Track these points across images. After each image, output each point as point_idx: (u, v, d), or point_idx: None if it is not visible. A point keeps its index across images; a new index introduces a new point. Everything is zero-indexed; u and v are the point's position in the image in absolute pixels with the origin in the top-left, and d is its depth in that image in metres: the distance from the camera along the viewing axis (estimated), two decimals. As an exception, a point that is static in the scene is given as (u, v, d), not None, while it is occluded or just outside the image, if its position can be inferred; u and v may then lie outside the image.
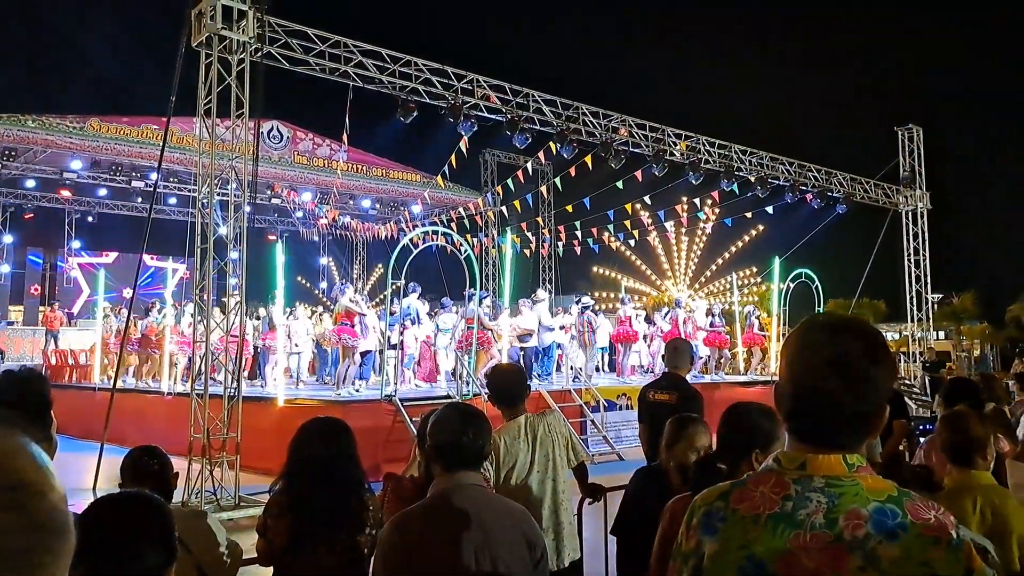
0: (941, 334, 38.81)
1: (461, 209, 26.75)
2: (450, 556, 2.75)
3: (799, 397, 1.68)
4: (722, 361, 19.85)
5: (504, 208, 25.29)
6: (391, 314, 15.02)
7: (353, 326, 14.59)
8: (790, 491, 1.61)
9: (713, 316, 19.95)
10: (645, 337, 19.20)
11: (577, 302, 19.06)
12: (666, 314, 19.86)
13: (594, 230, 25.77)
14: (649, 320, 19.82)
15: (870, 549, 1.51)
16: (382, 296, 18.36)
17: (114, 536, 2.03)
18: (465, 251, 14.58)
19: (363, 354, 16.55)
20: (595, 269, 38.33)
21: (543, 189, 26.08)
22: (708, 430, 3.91)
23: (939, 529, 1.53)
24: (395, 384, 13.80)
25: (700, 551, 1.66)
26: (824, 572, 1.52)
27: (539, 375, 16.69)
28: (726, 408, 3.39)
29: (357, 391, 14.57)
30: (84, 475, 11.49)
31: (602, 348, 19.27)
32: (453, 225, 23.14)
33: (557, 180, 21.39)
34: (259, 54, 12.12)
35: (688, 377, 6.62)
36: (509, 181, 22.02)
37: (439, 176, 21.87)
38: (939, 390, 5.87)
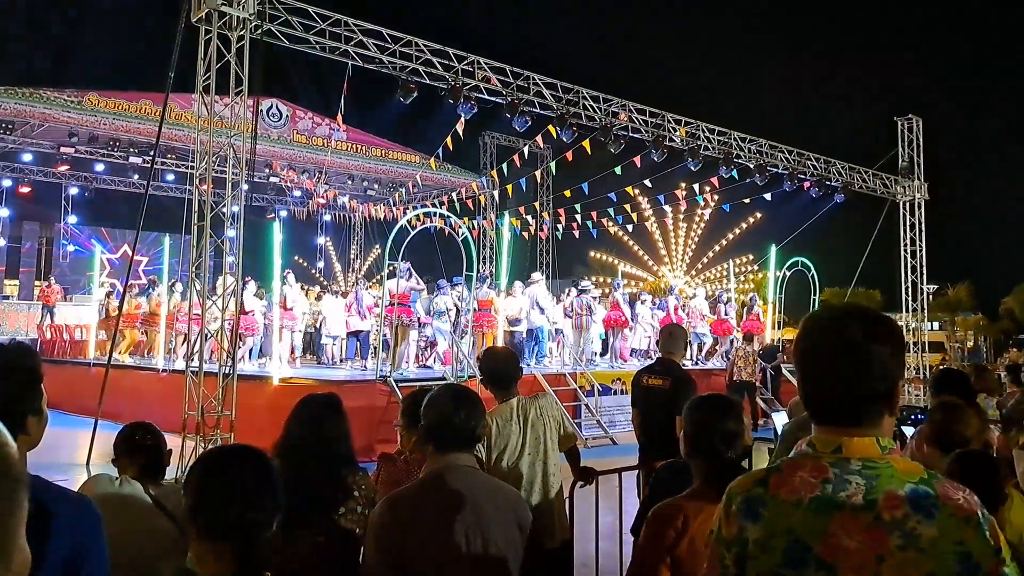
0: (936, 325, 38.87)
1: (463, 191, 26.69)
2: (442, 536, 2.77)
3: (813, 385, 1.79)
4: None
5: (497, 192, 25.25)
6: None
7: (409, 307, 14.78)
8: (828, 474, 1.67)
9: (721, 303, 20.01)
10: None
11: (574, 283, 19.11)
12: (658, 303, 19.92)
13: (593, 214, 25.76)
14: (632, 305, 19.84)
15: (909, 529, 1.58)
16: (379, 277, 18.40)
17: (235, 486, 2.05)
18: (463, 233, 14.59)
19: (356, 333, 16.67)
20: (592, 254, 38.43)
21: (542, 172, 26.03)
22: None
23: (969, 510, 1.60)
24: (392, 365, 13.87)
25: (743, 537, 1.70)
26: (865, 552, 1.59)
27: (529, 360, 16.67)
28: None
29: (364, 369, 14.72)
30: (78, 451, 11.50)
31: (601, 334, 19.25)
32: (444, 207, 23.05)
33: (553, 165, 21.33)
34: (259, 31, 12.06)
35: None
36: (504, 166, 21.98)
37: (432, 159, 21.88)
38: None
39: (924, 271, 23.76)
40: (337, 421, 3.61)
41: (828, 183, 21.79)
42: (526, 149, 21.21)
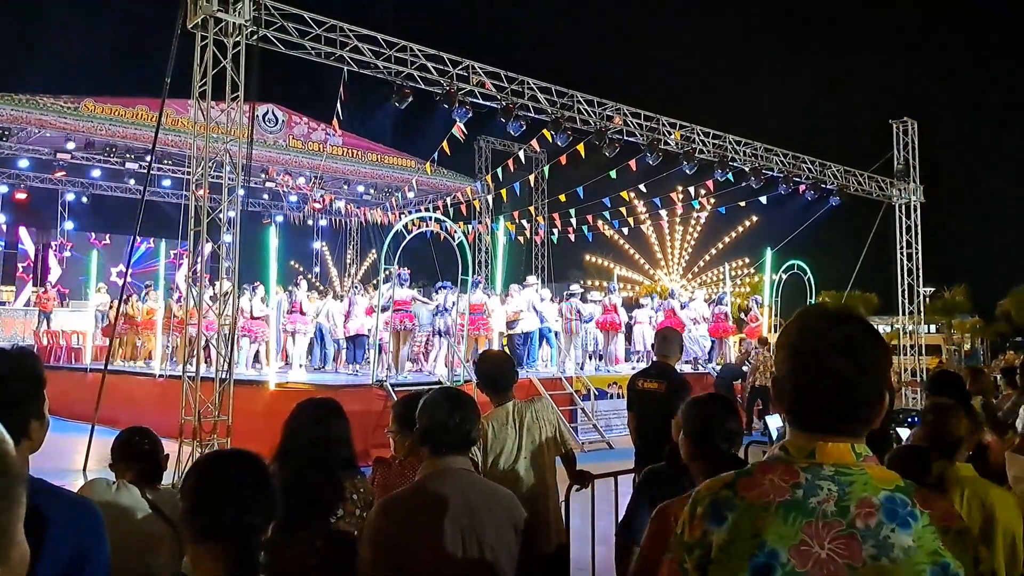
0: (932, 327, 38.87)
1: (458, 195, 26.71)
2: (436, 540, 2.78)
3: (804, 384, 1.68)
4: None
5: (492, 196, 25.25)
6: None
7: (410, 312, 14.88)
8: (800, 479, 1.61)
9: (720, 305, 20.01)
10: (628, 326, 19.26)
11: (567, 289, 19.16)
12: (659, 306, 19.92)
13: (588, 218, 25.78)
14: (630, 309, 19.84)
15: (883, 538, 1.53)
16: (375, 282, 18.43)
17: (231, 489, 2.09)
18: (458, 238, 14.62)
19: (355, 338, 16.68)
20: (588, 257, 38.38)
21: (536, 176, 26.04)
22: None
23: (948, 519, 1.57)
24: (387, 370, 13.89)
25: (706, 541, 1.62)
26: (837, 561, 1.53)
27: (524, 363, 16.67)
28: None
29: (356, 374, 14.73)
30: (75, 456, 11.50)
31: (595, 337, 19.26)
32: (439, 212, 23.05)
33: (546, 169, 21.36)
34: (255, 37, 12.09)
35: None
36: (499, 170, 22.02)
37: (428, 163, 21.90)
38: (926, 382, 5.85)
39: (920, 274, 23.77)
40: (337, 425, 3.62)
41: (824, 186, 21.80)
42: (521, 153, 21.25)
